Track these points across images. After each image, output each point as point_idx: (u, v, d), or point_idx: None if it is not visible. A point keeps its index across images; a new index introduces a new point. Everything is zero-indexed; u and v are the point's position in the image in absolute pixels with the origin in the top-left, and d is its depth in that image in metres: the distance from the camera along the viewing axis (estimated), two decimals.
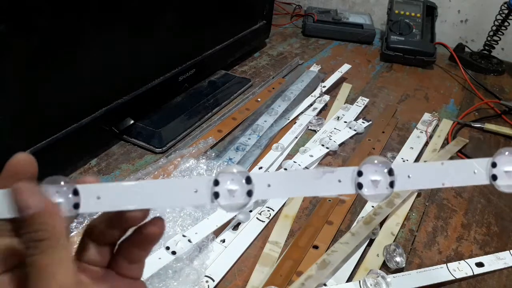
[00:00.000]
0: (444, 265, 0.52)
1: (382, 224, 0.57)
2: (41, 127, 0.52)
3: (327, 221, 0.56)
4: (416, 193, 0.63)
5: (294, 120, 0.78)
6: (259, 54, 1.04)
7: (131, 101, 0.65)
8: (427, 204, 0.63)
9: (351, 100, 0.87)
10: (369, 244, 0.54)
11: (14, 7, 0.43)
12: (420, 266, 0.52)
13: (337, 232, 0.55)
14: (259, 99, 0.82)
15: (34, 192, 0.23)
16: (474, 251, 0.56)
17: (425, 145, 0.76)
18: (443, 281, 0.50)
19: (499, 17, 1.03)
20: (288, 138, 0.72)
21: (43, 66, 0.50)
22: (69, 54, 0.52)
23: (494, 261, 0.54)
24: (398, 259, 0.51)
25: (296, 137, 0.74)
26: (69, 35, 0.51)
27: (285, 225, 0.55)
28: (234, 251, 0.51)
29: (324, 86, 0.89)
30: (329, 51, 1.11)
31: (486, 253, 0.55)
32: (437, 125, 0.82)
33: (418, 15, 1.11)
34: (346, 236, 0.53)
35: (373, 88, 0.95)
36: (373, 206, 0.59)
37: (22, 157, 0.24)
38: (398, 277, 0.49)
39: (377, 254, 0.52)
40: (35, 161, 0.24)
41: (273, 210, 0.57)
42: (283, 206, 0.58)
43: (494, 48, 1.09)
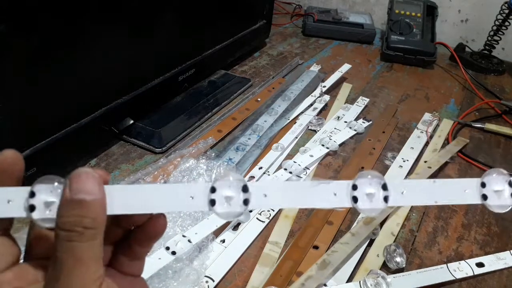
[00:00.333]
0: (445, 265, 0.52)
1: (382, 224, 0.56)
2: (41, 127, 0.52)
3: (327, 221, 0.56)
4: None
5: (294, 120, 0.78)
6: (259, 54, 1.04)
7: (131, 101, 0.65)
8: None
9: (351, 100, 0.87)
10: (369, 244, 0.54)
11: (14, 7, 0.43)
12: (421, 266, 0.52)
13: (337, 232, 0.55)
14: (259, 99, 0.82)
15: (97, 181, 0.23)
16: (475, 251, 0.56)
17: (426, 145, 0.75)
18: (444, 281, 0.50)
19: (500, 17, 1.03)
20: (288, 138, 0.72)
21: (43, 66, 0.50)
22: (69, 54, 0.52)
23: (495, 261, 0.54)
24: (399, 259, 0.51)
25: (296, 137, 0.74)
26: (69, 35, 0.51)
27: (285, 225, 0.55)
28: (234, 251, 0.51)
29: (324, 86, 0.89)
30: (329, 51, 1.11)
31: (487, 253, 0.55)
32: (438, 125, 0.82)
33: (419, 15, 1.11)
34: (346, 236, 0.53)
35: (374, 88, 0.95)
36: None
37: (9, 154, 0.23)
38: (399, 277, 0.49)
39: (377, 254, 0.52)
40: (22, 158, 0.23)
41: (273, 210, 0.57)
42: None
43: (495, 48, 1.09)
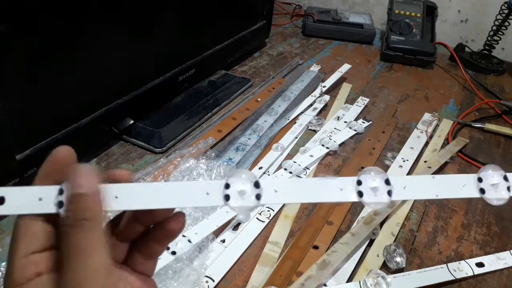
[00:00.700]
0: (444, 265, 0.52)
1: (382, 224, 0.56)
2: (41, 127, 0.52)
3: (327, 221, 0.56)
4: None
5: (294, 120, 0.78)
6: (259, 54, 1.04)
7: (131, 101, 0.65)
8: (427, 204, 0.63)
9: (351, 100, 0.87)
10: (369, 244, 0.54)
11: (14, 7, 0.43)
12: (420, 266, 0.52)
13: (337, 232, 0.55)
14: (259, 99, 0.82)
15: (91, 175, 0.24)
16: (474, 251, 0.56)
17: (425, 145, 0.76)
18: (443, 281, 0.50)
19: (499, 17, 1.03)
20: (288, 138, 0.72)
21: (43, 66, 0.50)
22: (69, 54, 0.52)
23: (495, 261, 0.54)
24: (398, 259, 0.51)
25: (296, 137, 0.74)
26: (69, 35, 0.51)
27: (285, 225, 0.55)
28: (234, 251, 0.51)
29: (324, 86, 0.89)
30: (329, 51, 1.11)
31: (487, 253, 0.55)
32: (437, 125, 0.82)
33: (418, 15, 1.11)
34: (346, 236, 0.53)
35: (373, 88, 0.95)
36: None
37: (64, 150, 0.25)
38: (398, 277, 0.49)
39: (377, 254, 0.52)
40: (75, 153, 0.26)
41: (273, 210, 0.57)
42: (283, 206, 0.58)
43: (494, 48, 1.09)
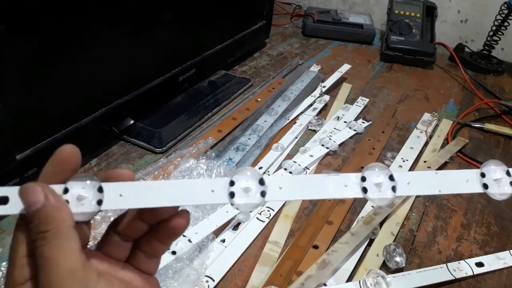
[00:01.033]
0: (444, 265, 0.52)
1: (382, 224, 0.57)
2: (41, 127, 0.52)
3: (327, 221, 0.56)
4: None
5: (294, 120, 0.78)
6: (259, 54, 1.04)
7: (131, 101, 0.65)
8: (427, 204, 0.63)
9: (351, 100, 0.87)
10: (369, 244, 0.54)
11: (14, 7, 0.43)
12: (420, 266, 0.52)
13: (337, 232, 0.55)
14: (259, 99, 0.82)
15: (37, 190, 0.25)
16: (474, 251, 0.56)
17: (425, 145, 0.76)
18: (443, 281, 0.50)
19: (499, 17, 1.03)
20: (288, 138, 0.72)
21: (43, 66, 0.50)
22: (69, 54, 0.52)
23: (494, 261, 0.54)
24: (398, 259, 0.51)
25: (296, 137, 0.74)
26: (69, 35, 0.51)
27: (285, 225, 0.55)
28: (234, 251, 0.51)
29: (324, 86, 0.89)
30: (329, 51, 1.11)
31: (486, 253, 0.55)
32: (437, 125, 0.82)
33: (418, 15, 1.12)
34: (346, 236, 0.53)
35: (373, 88, 0.95)
36: (373, 206, 0.59)
37: (69, 148, 0.26)
38: (398, 277, 0.49)
39: (377, 254, 0.52)
40: (79, 152, 0.26)
41: (273, 210, 0.57)
42: (283, 206, 0.58)
43: (494, 48, 1.09)
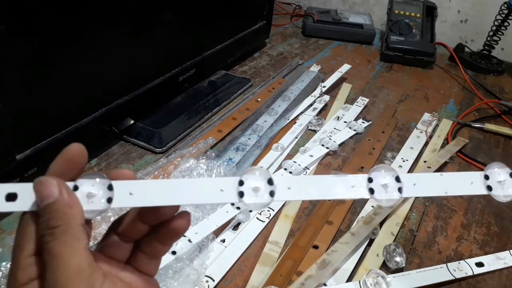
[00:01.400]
0: (444, 265, 0.52)
1: (382, 224, 0.57)
2: (41, 127, 0.52)
3: (327, 221, 0.56)
4: None
5: (294, 120, 0.78)
6: (259, 54, 1.04)
7: (131, 101, 0.65)
8: (427, 204, 0.63)
9: (351, 100, 0.87)
10: (369, 244, 0.54)
11: (14, 7, 0.43)
12: (420, 266, 0.52)
13: (337, 232, 0.55)
14: (259, 99, 0.82)
15: (52, 184, 0.24)
16: (474, 251, 0.56)
17: (425, 145, 0.76)
18: (443, 281, 0.50)
19: (499, 17, 1.04)
20: (288, 138, 0.72)
21: (43, 66, 0.50)
22: (69, 54, 0.52)
23: (494, 261, 0.54)
24: (398, 259, 0.51)
25: (296, 137, 0.74)
26: (69, 35, 0.51)
27: (285, 225, 0.55)
28: (234, 251, 0.51)
29: (324, 86, 0.89)
30: (329, 51, 1.11)
31: (486, 253, 0.55)
32: (437, 125, 0.82)
33: (418, 15, 1.12)
34: (346, 236, 0.53)
35: (373, 88, 0.95)
36: (373, 206, 0.59)
37: (75, 147, 0.26)
38: (398, 277, 0.49)
39: (377, 254, 0.52)
40: (86, 150, 0.26)
41: (273, 210, 0.57)
42: (283, 206, 0.58)
43: (494, 48, 1.09)
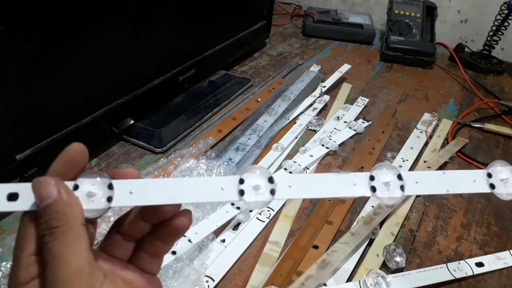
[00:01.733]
0: (444, 265, 0.52)
1: (382, 224, 0.57)
2: (41, 127, 0.52)
3: (327, 221, 0.56)
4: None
5: (294, 120, 0.78)
6: (259, 54, 1.04)
7: (131, 101, 0.65)
8: (427, 204, 0.63)
9: (351, 100, 0.87)
10: (369, 244, 0.54)
11: (14, 7, 0.43)
12: (420, 266, 0.52)
13: (337, 232, 0.55)
14: (259, 99, 0.82)
15: (50, 184, 0.24)
16: (474, 251, 0.56)
17: (425, 145, 0.76)
18: (443, 281, 0.50)
19: (499, 17, 1.03)
20: (288, 138, 0.72)
21: (43, 66, 0.50)
22: (69, 54, 0.52)
23: (494, 261, 0.54)
24: (398, 259, 0.51)
25: (296, 137, 0.74)
26: (69, 35, 0.51)
27: (285, 225, 0.55)
28: (234, 251, 0.51)
29: (324, 86, 0.89)
30: (329, 51, 1.11)
31: (486, 253, 0.55)
32: (437, 125, 0.82)
33: (418, 15, 1.12)
34: (346, 236, 0.53)
35: (373, 88, 0.95)
36: (373, 206, 0.59)
37: (77, 147, 0.26)
38: (398, 277, 0.49)
39: (377, 254, 0.52)
40: (87, 150, 0.27)
41: (273, 210, 0.57)
42: (283, 206, 0.58)
43: (494, 48, 1.09)
